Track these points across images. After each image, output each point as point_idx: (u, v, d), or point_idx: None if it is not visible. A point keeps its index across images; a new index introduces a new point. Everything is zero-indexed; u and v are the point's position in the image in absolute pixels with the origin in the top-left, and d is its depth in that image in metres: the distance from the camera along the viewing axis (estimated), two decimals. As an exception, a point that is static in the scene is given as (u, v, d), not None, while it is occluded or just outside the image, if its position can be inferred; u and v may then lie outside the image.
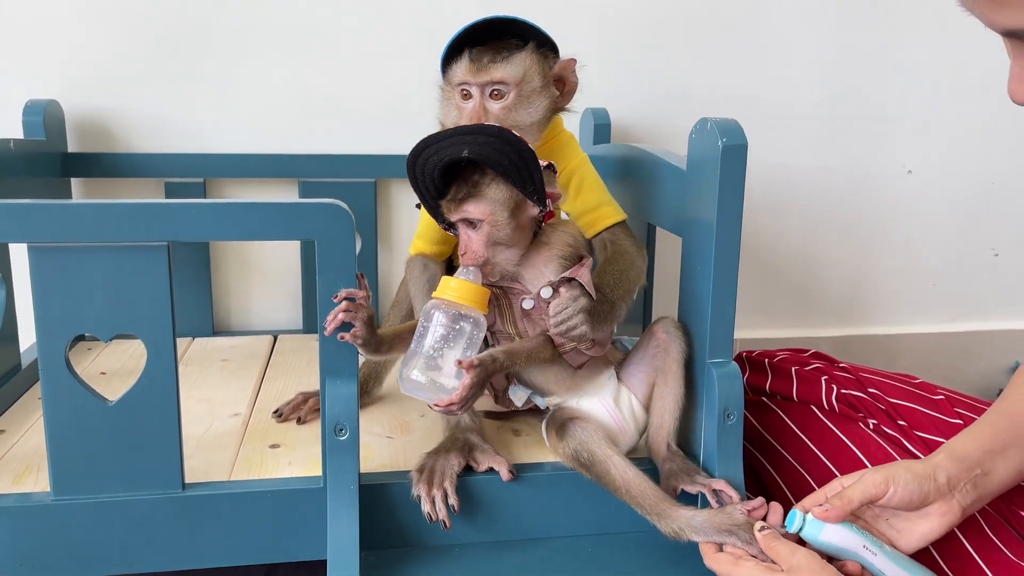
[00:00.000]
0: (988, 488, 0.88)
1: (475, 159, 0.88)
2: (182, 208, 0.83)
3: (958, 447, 0.88)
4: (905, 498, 0.84)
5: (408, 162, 0.92)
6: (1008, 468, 0.88)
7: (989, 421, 0.91)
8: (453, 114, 1.05)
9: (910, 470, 0.85)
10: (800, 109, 1.60)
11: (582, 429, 0.96)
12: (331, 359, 0.90)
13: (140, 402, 0.87)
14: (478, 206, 0.90)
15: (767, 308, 1.69)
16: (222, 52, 1.43)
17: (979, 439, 0.89)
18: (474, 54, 1.01)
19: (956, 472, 0.86)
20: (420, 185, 0.92)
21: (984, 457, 0.87)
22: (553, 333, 0.93)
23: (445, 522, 0.91)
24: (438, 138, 0.90)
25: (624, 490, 0.93)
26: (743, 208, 0.95)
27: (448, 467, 0.94)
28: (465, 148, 0.87)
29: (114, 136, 1.44)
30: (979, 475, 0.87)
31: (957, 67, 1.63)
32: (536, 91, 1.03)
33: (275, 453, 1.03)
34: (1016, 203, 1.73)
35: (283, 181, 1.49)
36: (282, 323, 1.55)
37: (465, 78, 1.02)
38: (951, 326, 1.77)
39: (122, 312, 0.85)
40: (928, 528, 0.86)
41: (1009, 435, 0.89)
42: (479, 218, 0.91)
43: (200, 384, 1.25)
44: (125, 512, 0.89)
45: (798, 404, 1.11)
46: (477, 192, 0.90)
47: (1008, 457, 0.88)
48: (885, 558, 0.84)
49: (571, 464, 0.96)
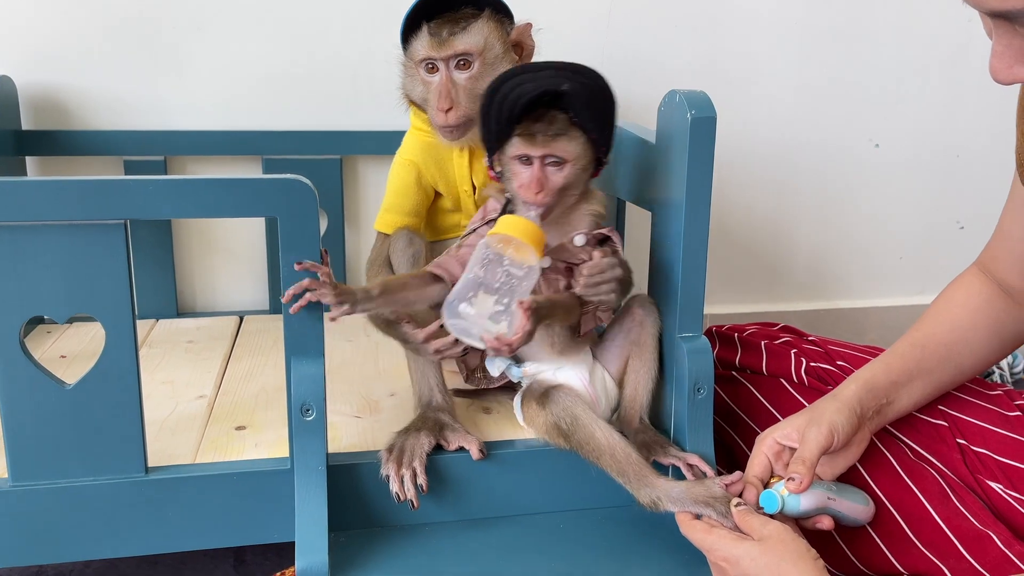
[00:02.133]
0: (888, 416, 0.94)
1: (573, 95, 0.87)
2: (138, 185, 0.81)
3: (870, 377, 0.93)
4: (844, 440, 0.89)
5: (489, 88, 0.90)
6: (910, 398, 0.95)
7: (900, 352, 0.96)
8: (419, 88, 1.03)
9: (840, 412, 0.89)
10: (768, 82, 1.60)
11: (565, 395, 0.95)
12: (296, 338, 0.88)
13: (99, 385, 0.85)
14: (569, 145, 0.89)
15: (736, 283, 1.70)
16: (183, 25, 1.39)
17: (889, 370, 0.94)
18: (433, 27, 1.00)
19: (869, 402, 0.91)
20: (495, 113, 0.89)
21: (891, 388, 0.93)
22: (581, 290, 0.91)
23: (413, 502, 0.90)
24: (532, 68, 0.89)
25: (609, 454, 0.91)
26: (712, 182, 0.94)
27: (418, 446, 0.93)
28: (565, 83, 0.86)
29: (70, 113, 1.40)
30: (884, 404, 0.93)
31: (923, 41, 1.64)
32: (499, 58, 1.03)
33: (241, 435, 1.01)
34: (980, 176, 1.74)
35: (247, 159, 1.46)
36: (248, 304, 1.53)
37: (429, 53, 1.00)
38: (918, 298, 1.78)
39: (78, 293, 0.83)
40: (849, 456, 0.92)
41: (916, 368, 0.94)
42: (565, 157, 0.89)
43: (164, 366, 1.23)
44: (86, 497, 0.87)
45: (768, 378, 1.11)
46: (571, 131, 0.89)
47: (912, 388, 0.94)
48: (841, 498, 0.89)
49: (548, 435, 0.95)
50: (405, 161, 1.09)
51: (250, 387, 1.16)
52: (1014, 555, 0.86)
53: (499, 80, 0.89)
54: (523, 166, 0.90)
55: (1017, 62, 0.63)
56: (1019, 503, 0.92)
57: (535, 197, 0.89)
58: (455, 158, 1.08)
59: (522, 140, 0.89)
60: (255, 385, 1.17)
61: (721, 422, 1.12)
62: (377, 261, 1.11)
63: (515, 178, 0.91)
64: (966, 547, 0.89)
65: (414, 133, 1.11)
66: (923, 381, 0.94)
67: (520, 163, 0.90)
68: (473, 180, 1.09)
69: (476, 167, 1.08)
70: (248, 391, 1.15)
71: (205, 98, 1.43)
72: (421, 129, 1.09)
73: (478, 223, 0.98)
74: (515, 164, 0.91)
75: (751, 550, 0.80)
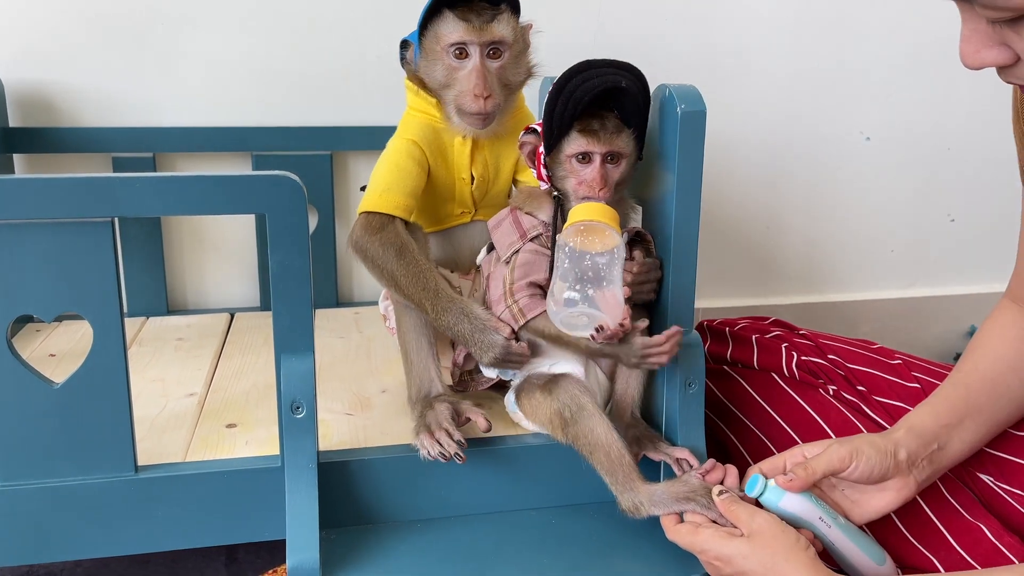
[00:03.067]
0: (943, 463, 0.89)
1: (629, 92, 0.91)
2: (125, 182, 0.80)
3: (917, 422, 0.89)
4: (866, 472, 0.85)
5: (560, 79, 0.92)
6: (963, 440, 0.90)
7: (945, 394, 0.92)
8: (440, 73, 1.02)
9: (873, 445, 0.86)
10: (759, 75, 1.60)
11: (573, 384, 0.95)
12: (286, 336, 0.88)
13: (87, 384, 0.85)
14: (624, 141, 0.93)
15: (727, 276, 1.70)
16: (171, 20, 1.38)
17: (937, 413, 0.90)
18: (463, 12, 0.99)
19: (915, 448, 0.87)
20: (559, 110, 0.91)
21: (941, 431, 0.89)
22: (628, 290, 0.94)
23: (459, 455, 0.91)
24: (594, 64, 0.92)
25: (604, 451, 0.91)
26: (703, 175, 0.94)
27: (441, 414, 0.95)
28: (623, 80, 0.91)
29: (58, 110, 1.39)
30: (935, 450, 0.88)
31: (914, 34, 1.64)
32: (522, 52, 1.03)
33: (231, 433, 1.01)
34: (971, 170, 1.74)
35: (236, 155, 1.45)
36: (239, 301, 1.52)
37: (464, 37, 0.99)
38: (909, 291, 1.79)
39: (65, 292, 0.82)
40: (884, 502, 0.87)
41: (965, 407, 0.90)
42: (623, 153, 0.93)
43: (154, 364, 1.22)
44: (76, 497, 0.87)
45: (759, 372, 1.11)
46: (623, 128, 0.93)
47: (963, 429, 0.90)
48: (839, 531, 0.85)
49: (550, 423, 0.95)
50: (407, 141, 1.05)
51: (241, 384, 1.16)
52: (1004, 547, 0.87)
53: (565, 77, 0.92)
54: (582, 164, 0.93)
55: (983, 46, 0.63)
56: (1009, 495, 0.92)
57: (600, 193, 0.92)
58: (456, 145, 1.06)
59: (584, 137, 0.92)
60: (246, 382, 1.17)
61: (713, 416, 1.12)
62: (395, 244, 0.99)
63: (574, 176, 0.94)
64: (957, 540, 0.89)
65: (414, 115, 1.07)
66: (975, 420, 0.90)
67: (579, 161, 0.93)
68: (472, 171, 1.08)
69: (476, 158, 1.07)
70: (239, 388, 1.15)
71: (194, 94, 1.42)
72: (423, 111, 1.07)
73: (518, 244, 0.98)
74: (573, 163, 0.93)
75: (742, 548, 0.79)
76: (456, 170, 1.07)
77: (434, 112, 1.05)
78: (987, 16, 0.61)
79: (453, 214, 1.10)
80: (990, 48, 0.63)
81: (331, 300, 1.49)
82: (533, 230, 0.98)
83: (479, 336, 0.94)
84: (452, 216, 1.10)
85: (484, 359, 0.96)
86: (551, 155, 0.95)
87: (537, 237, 0.97)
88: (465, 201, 1.09)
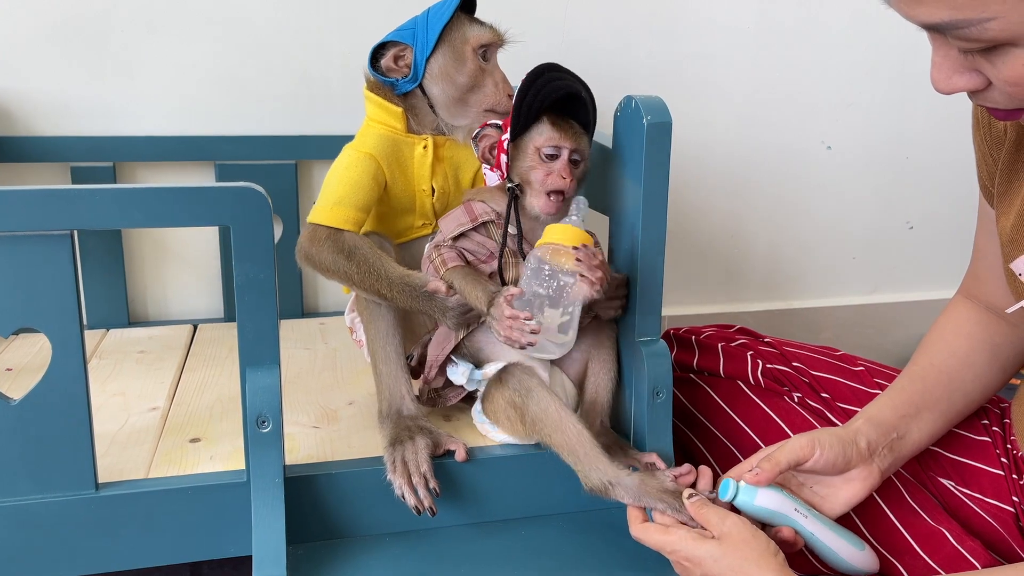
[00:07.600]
0: (903, 451, 0.92)
1: (588, 100, 0.97)
2: (84, 194, 0.79)
3: (875, 413, 0.92)
4: (830, 461, 0.86)
5: (532, 73, 0.95)
6: (921, 430, 0.93)
7: (901, 386, 0.95)
8: (469, 75, 1.03)
9: (833, 435, 0.88)
10: (723, 85, 1.62)
11: (521, 370, 0.95)
12: (251, 348, 0.87)
13: (46, 400, 0.83)
14: (587, 146, 0.98)
15: (693, 284, 1.71)
16: (131, 27, 1.36)
17: (895, 405, 0.93)
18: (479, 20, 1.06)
19: (875, 437, 0.90)
20: (534, 95, 0.93)
21: (899, 421, 0.91)
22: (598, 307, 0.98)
23: (432, 509, 0.89)
24: (558, 67, 0.96)
25: (560, 430, 0.90)
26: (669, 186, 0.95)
27: (419, 453, 0.93)
28: (583, 89, 0.96)
29: (13, 118, 1.36)
30: (895, 439, 0.91)
31: (874, 45, 1.67)
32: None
33: (195, 448, 0.99)
34: (928, 178, 1.78)
35: (199, 164, 1.43)
36: (202, 312, 1.50)
37: (494, 39, 1.05)
38: (870, 298, 1.82)
39: (22, 306, 0.80)
40: (851, 492, 0.89)
41: (921, 400, 0.93)
42: (584, 155, 0.97)
43: (115, 377, 1.20)
44: (35, 516, 0.85)
45: (725, 380, 1.12)
46: (585, 135, 0.97)
47: (921, 420, 0.92)
48: (815, 520, 0.86)
49: (507, 417, 0.94)
50: (363, 154, 1.03)
51: (205, 398, 1.14)
52: (966, 551, 0.88)
53: (537, 72, 0.95)
54: (546, 161, 0.95)
55: (955, 72, 0.64)
56: (970, 499, 0.94)
57: (566, 184, 0.94)
58: (417, 157, 1.06)
59: (555, 129, 0.94)
60: (210, 396, 1.15)
61: (680, 424, 1.13)
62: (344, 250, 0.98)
63: (540, 169, 0.95)
64: (920, 544, 0.90)
65: (373, 126, 1.06)
66: (932, 412, 0.93)
67: (546, 155, 0.95)
68: (432, 183, 1.07)
69: (437, 170, 1.07)
70: (202, 402, 1.13)
71: (155, 102, 1.40)
72: (383, 123, 1.06)
73: (467, 225, 0.98)
74: (537, 157, 0.95)
75: (713, 550, 0.80)
76: (416, 181, 1.07)
77: (395, 124, 1.05)
78: (959, 47, 0.62)
79: (414, 226, 1.10)
80: (962, 74, 0.64)
81: (296, 310, 1.48)
82: (485, 215, 0.98)
83: (429, 304, 0.96)
84: (413, 228, 1.10)
85: (448, 324, 0.97)
86: (516, 146, 0.96)
87: (488, 223, 0.98)
88: (426, 212, 1.09)
